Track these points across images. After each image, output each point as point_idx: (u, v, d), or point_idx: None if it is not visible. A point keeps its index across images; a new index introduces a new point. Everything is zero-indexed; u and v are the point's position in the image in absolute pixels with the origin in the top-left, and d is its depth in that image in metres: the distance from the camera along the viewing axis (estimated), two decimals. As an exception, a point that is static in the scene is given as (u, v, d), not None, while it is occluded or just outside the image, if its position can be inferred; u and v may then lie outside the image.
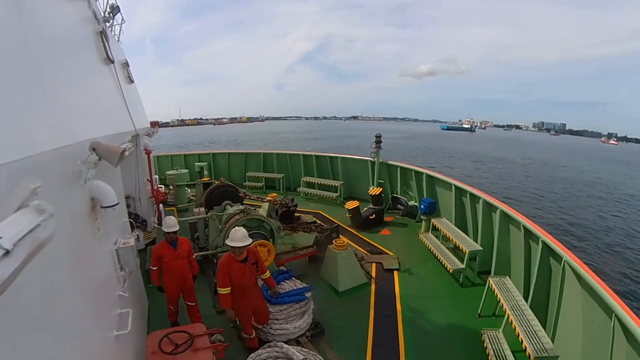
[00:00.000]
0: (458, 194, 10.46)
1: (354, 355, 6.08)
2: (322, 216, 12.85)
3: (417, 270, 9.01)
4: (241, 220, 7.28)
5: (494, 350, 5.88)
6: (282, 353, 5.06)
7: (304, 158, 16.85)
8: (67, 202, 2.98)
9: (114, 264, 4.60)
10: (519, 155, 73.76)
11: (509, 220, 8.17)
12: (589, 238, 22.72)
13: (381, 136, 13.30)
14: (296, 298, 6.45)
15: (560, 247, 6.20)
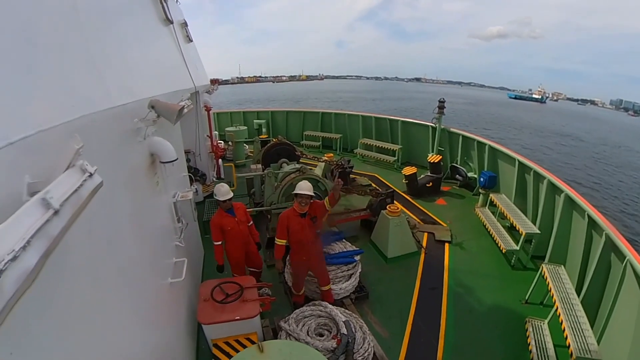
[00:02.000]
0: (521, 170, 9.86)
1: (394, 322, 6.13)
2: (378, 180, 12.76)
3: (469, 245, 8.80)
4: (297, 179, 7.33)
5: (536, 341, 5.70)
6: (325, 312, 5.18)
7: (363, 119, 16.58)
8: (126, 158, 3.13)
9: (172, 216, 4.81)
10: (592, 135, 69.02)
11: (573, 206, 7.63)
12: None
13: (445, 101, 12.74)
14: (345, 260, 6.54)
15: (625, 245, 5.71)
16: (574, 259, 7.27)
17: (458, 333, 6.04)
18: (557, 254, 7.83)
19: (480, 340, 5.99)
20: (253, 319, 4.81)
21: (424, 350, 5.65)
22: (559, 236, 7.86)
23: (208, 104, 10.84)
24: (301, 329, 4.85)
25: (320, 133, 17.36)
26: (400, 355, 5.53)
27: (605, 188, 30.48)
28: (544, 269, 6.62)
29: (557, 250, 7.87)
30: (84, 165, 1.81)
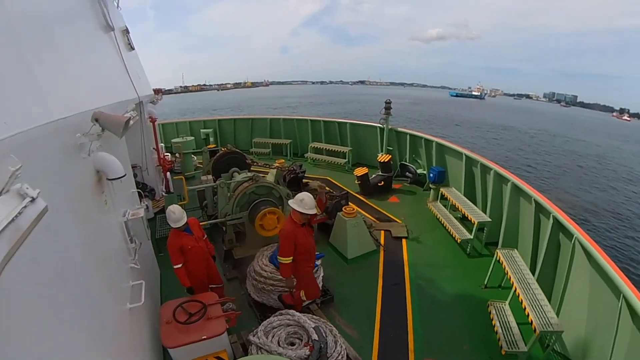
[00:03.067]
0: (468, 163, 10.28)
1: (363, 322, 6.15)
2: (330, 182, 12.81)
3: (425, 239, 9.01)
4: (250, 187, 7.26)
5: (500, 321, 5.98)
6: (294, 321, 5.08)
7: (312, 123, 16.64)
8: (70, 177, 2.90)
9: (124, 237, 4.55)
10: (528, 126, 72.99)
11: (520, 193, 8.04)
12: (598, 216, 22.53)
13: (391, 102, 13.01)
14: None
15: (572, 224, 6.11)
16: (526, 242, 7.67)
17: (425, 325, 6.16)
18: (509, 238, 8.26)
19: (447, 329, 6.15)
20: (221, 336, 4.65)
21: (396, 346, 5.72)
22: (509, 222, 8.28)
23: (153, 115, 10.46)
24: (271, 341, 4.72)
25: (269, 139, 17.22)
26: (373, 354, 5.56)
27: (547, 174, 32.29)
28: (499, 254, 6.93)
29: (508, 235, 8.30)
30: (22, 190, 1.62)
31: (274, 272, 6.14)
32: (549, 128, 75.13)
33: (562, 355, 5.82)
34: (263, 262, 6.46)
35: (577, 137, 66.91)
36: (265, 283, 6.11)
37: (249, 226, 7.31)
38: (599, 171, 37.34)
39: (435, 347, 5.74)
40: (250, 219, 7.22)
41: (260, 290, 6.23)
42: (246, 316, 6.05)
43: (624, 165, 44.07)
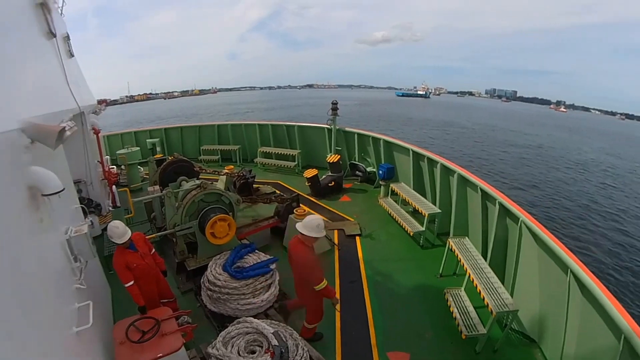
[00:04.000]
0: (416, 158, 10.64)
1: (323, 322, 6.08)
2: (281, 186, 12.80)
3: (379, 235, 9.19)
4: (198, 195, 7.08)
5: (458, 308, 6.18)
6: (252, 328, 4.97)
7: (260, 128, 16.58)
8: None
9: (66, 256, 4.31)
10: (472, 121, 76.48)
11: (467, 184, 8.42)
12: (541, 199, 24.46)
13: (337, 103, 13.22)
14: (261, 271, 6.35)
15: (517, 208, 6.49)
16: (475, 229, 8.04)
17: (385, 318, 6.29)
18: (459, 227, 8.63)
19: (407, 320, 6.33)
20: (178, 352, 4.47)
21: (358, 342, 5.80)
22: (459, 211, 8.66)
23: (96, 126, 10.01)
24: (231, 351, 4.60)
25: (218, 146, 16.98)
26: (337, 353, 5.62)
27: (491, 164, 33.96)
28: (450, 243, 7.21)
29: (459, 224, 8.68)
30: None
31: (228, 281, 6.04)
32: (491, 122, 79.12)
33: (520, 332, 6.15)
34: (217, 271, 6.31)
35: (518, 129, 70.85)
36: (221, 292, 5.97)
37: (200, 235, 7.10)
38: (539, 158, 39.95)
39: (398, 339, 5.88)
40: (200, 228, 7.03)
41: (216, 300, 6.09)
42: (204, 328, 5.93)
43: (561, 151, 47.19)
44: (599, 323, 4.41)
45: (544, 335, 5.80)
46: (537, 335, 5.97)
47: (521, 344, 6.01)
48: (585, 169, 37.20)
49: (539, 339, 5.92)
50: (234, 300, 5.95)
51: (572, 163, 39.86)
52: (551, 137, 63.02)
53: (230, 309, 5.99)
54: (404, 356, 5.57)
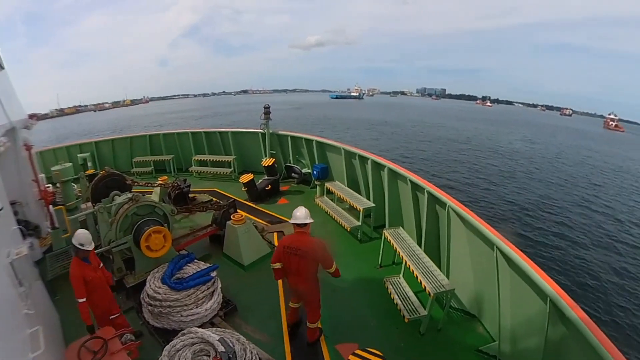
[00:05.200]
0: (347, 157, 11.01)
1: (270, 324, 6.25)
2: (218, 193, 12.69)
3: (318, 233, 9.30)
4: (131, 208, 6.84)
5: (398, 294, 6.56)
6: (197, 338, 4.91)
7: (193, 136, 16.28)
8: None
9: (11, 280, 4.12)
10: (405, 119, 79.72)
11: (397, 177, 8.87)
12: (468, 185, 27.02)
13: (269, 107, 13.27)
14: (202, 280, 6.30)
15: (444, 195, 6.95)
16: (409, 219, 8.48)
17: (331, 313, 6.41)
18: (394, 219, 9.07)
19: (352, 312, 6.57)
20: None
21: (307, 340, 5.88)
22: (391, 204, 9.09)
23: (28, 142, 9.45)
24: (179, 364, 4.58)
25: (150, 157, 16.37)
26: (286, 352, 5.69)
27: (421, 158, 35.75)
28: (386, 234, 7.56)
29: (393, 216, 9.11)
30: None
31: (168, 293, 5.93)
32: (422, 119, 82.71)
33: (460, 310, 6.65)
34: (156, 284, 6.17)
35: (447, 124, 74.74)
36: (162, 306, 5.84)
37: (136, 250, 6.88)
38: (466, 150, 42.54)
39: (345, 331, 6.09)
40: (135, 242, 6.81)
41: (157, 315, 5.95)
42: (148, 346, 5.76)
43: (488, 142, 50.38)
44: (527, 291, 4.89)
45: (482, 309, 6.32)
46: (476, 311, 6.49)
47: (463, 320, 6.50)
48: (512, 158, 40.43)
49: (479, 313, 6.44)
50: (177, 312, 5.85)
51: (498, 153, 43.11)
52: (478, 130, 67.66)
53: (174, 322, 5.88)
54: (353, 346, 5.76)
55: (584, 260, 16.72)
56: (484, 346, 5.78)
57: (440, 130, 64.90)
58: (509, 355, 5.49)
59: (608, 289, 14.51)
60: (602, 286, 14.73)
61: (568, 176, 34.04)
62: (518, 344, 5.36)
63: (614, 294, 14.16)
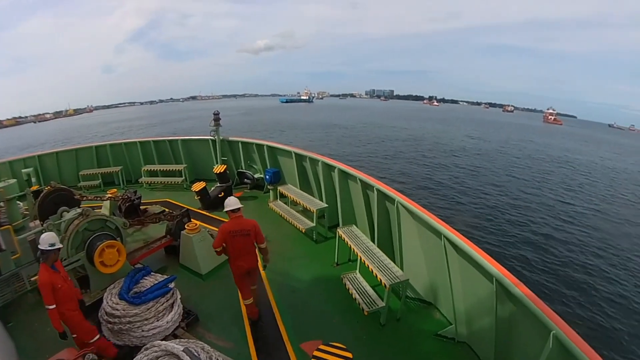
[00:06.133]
0: (299, 160, 11.24)
1: (233, 330, 6.33)
2: (170, 204, 12.48)
3: (273, 237, 9.49)
4: (82, 224, 6.63)
5: (356, 289, 6.86)
6: (161, 351, 4.85)
7: (142, 145, 15.79)
8: None
9: None
10: (355, 120, 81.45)
11: (347, 177, 9.19)
12: (416, 182, 28.43)
13: (219, 113, 13.24)
14: (161, 292, 6.21)
15: (393, 192, 7.34)
16: (361, 216, 8.85)
17: (292, 314, 6.64)
18: (347, 217, 9.38)
19: (313, 311, 6.78)
20: None
21: (271, 342, 6.06)
22: (344, 203, 9.41)
23: None
24: (144, 380, 4.54)
25: (98, 170, 15.65)
26: (252, 356, 5.78)
27: (371, 158, 36.72)
28: (340, 232, 7.90)
29: (346, 214, 9.42)
30: None
31: (127, 309, 5.80)
32: (371, 120, 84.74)
33: (417, 299, 7.08)
34: (113, 301, 6.00)
35: (396, 124, 76.94)
36: (121, 322, 5.70)
37: (90, 267, 6.68)
38: (415, 149, 44.17)
39: (308, 330, 6.27)
40: (89, 259, 6.59)
41: (118, 332, 5.79)
42: None
43: (434, 140, 52.39)
44: (475, 274, 5.32)
45: (437, 296, 6.78)
46: (431, 298, 6.93)
47: (419, 308, 6.94)
48: (456, 155, 42.49)
49: (434, 300, 6.89)
50: (137, 327, 5.75)
51: (446, 149, 45.17)
52: (426, 129, 70.25)
53: (136, 337, 5.77)
54: (316, 343, 5.94)
55: (530, 242, 18.50)
56: (442, 330, 6.19)
57: (389, 130, 66.81)
58: (466, 336, 5.95)
59: (549, 264, 16.15)
60: (543, 262, 16.36)
61: (512, 168, 37.04)
62: (473, 325, 5.80)
63: (555, 269, 15.79)
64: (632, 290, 14.66)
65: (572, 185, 31.31)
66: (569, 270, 15.73)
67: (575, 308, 13.01)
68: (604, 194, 29.53)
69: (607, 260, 17.20)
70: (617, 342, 11.51)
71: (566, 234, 19.90)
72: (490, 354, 5.33)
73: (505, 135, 70.43)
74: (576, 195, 28.13)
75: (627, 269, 16.50)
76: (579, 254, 17.70)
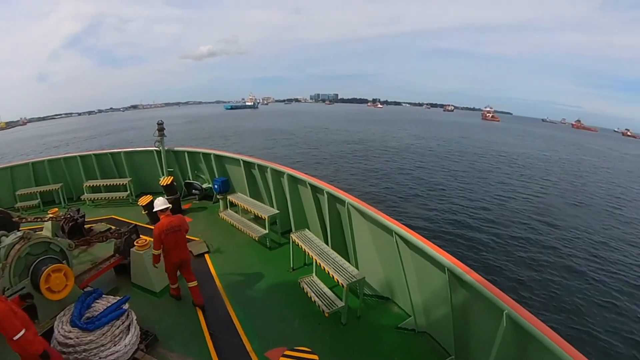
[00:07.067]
0: (247, 167, 11.25)
1: (195, 346, 6.23)
2: (117, 220, 11.98)
3: (226, 248, 9.49)
4: (23, 248, 6.19)
5: (314, 292, 7.01)
6: None
7: (82, 160, 14.81)
8: None
9: None
10: (301, 125, 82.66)
11: (297, 181, 9.33)
12: (365, 183, 29.84)
13: (163, 123, 12.89)
14: (115, 314, 5.92)
15: (342, 194, 7.54)
16: (313, 220, 9.02)
17: (254, 323, 6.64)
18: (299, 222, 9.51)
19: (274, 318, 6.82)
20: None
21: (235, 353, 6.04)
22: (295, 208, 9.53)
23: None
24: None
25: (36, 188, 14.43)
26: None
27: (319, 161, 37.45)
28: (293, 237, 8.00)
29: (298, 219, 9.54)
30: None
31: (81, 336, 5.49)
32: (317, 124, 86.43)
33: (374, 295, 7.32)
34: (65, 329, 5.63)
35: (342, 127, 78.90)
36: (77, 351, 5.40)
37: (37, 294, 6.18)
38: (361, 150, 45.60)
39: (271, 338, 6.30)
40: (34, 286, 6.12)
41: None
42: None
43: (381, 141, 54.29)
44: (427, 266, 5.60)
45: (394, 291, 7.06)
46: (388, 293, 7.21)
47: (378, 304, 7.20)
48: (401, 154, 44.51)
49: (391, 295, 7.17)
50: (94, 355, 5.46)
51: (391, 149, 46.94)
52: (371, 131, 72.77)
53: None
54: (281, 350, 5.98)
55: (479, 231, 20.18)
56: (402, 323, 6.49)
57: (335, 133, 68.35)
58: (425, 326, 6.28)
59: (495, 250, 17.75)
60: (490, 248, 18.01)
61: (453, 162, 39.45)
62: (430, 314, 6.11)
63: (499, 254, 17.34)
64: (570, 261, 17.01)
65: (511, 175, 35.11)
66: (516, 252, 17.62)
67: (524, 287, 14.47)
68: (540, 181, 33.66)
69: (548, 237, 19.94)
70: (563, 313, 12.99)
71: (511, 219, 22.37)
72: (450, 339, 5.63)
73: (446, 133, 75.20)
74: (516, 182, 32.02)
75: (566, 242, 19.46)
76: (523, 232, 20.34)
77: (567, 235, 20.21)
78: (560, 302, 13.51)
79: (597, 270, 16.32)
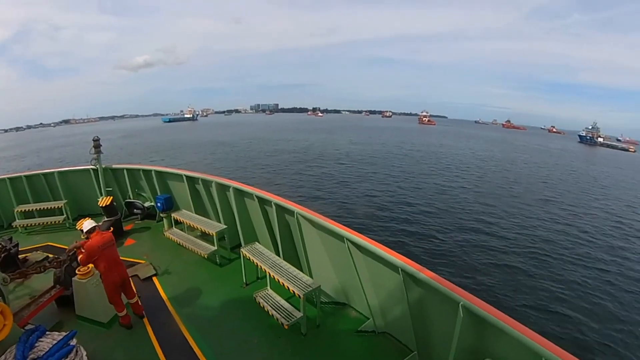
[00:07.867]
0: (190, 182, 11.01)
1: None
2: (54, 247, 11.11)
3: (175, 269, 9.18)
4: None
5: (271, 305, 6.95)
6: None
7: (11, 182, 13.57)
8: None
9: None
10: (240, 137, 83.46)
11: (243, 194, 9.23)
12: (310, 191, 30.44)
13: (99, 139, 12.16)
14: (62, 352, 5.51)
15: (291, 204, 7.57)
16: (262, 232, 8.99)
17: (212, 344, 6.46)
18: (248, 236, 9.41)
19: (231, 336, 6.67)
20: None
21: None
22: (243, 222, 9.44)
23: None
24: None
25: None
26: None
27: (264, 172, 37.85)
28: (243, 252, 7.89)
29: (247, 233, 9.46)
30: None
31: None
32: (258, 135, 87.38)
33: (332, 302, 7.41)
34: None
35: (283, 137, 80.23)
36: None
37: None
38: (304, 159, 46.58)
39: (232, 357, 6.20)
40: None
41: None
42: None
43: (321, 149, 55.73)
44: (381, 268, 5.75)
45: (350, 295, 7.19)
46: (345, 298, 7.33)
47: (336, 310, 7.30)
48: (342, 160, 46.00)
49: (348, 300, 7.30)
50: None
51: (332, 156, 48.59)
52: (311, 140, 74.57)
53: None
54: None
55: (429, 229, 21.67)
56: (361, 326, 6.62)
57: (276, 144, 69.30)
58: (384, 326, 6.45)
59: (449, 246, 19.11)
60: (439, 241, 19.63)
61: (393, 165, 41.27)
62: (388, 315, 6.27)
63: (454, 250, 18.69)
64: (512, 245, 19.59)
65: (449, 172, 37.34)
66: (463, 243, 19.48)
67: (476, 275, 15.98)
68: (476, 177, 37.15)
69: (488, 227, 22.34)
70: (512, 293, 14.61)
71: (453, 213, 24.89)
72: (411, 336, 5.80)
73: (384, 138, 78.57)
74: (455, 178, 34.29)
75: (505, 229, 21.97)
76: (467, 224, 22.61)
77: (507, 223, 23.08)
78: (506, 284, 15.20)
79: (535, 248, 19.46)
